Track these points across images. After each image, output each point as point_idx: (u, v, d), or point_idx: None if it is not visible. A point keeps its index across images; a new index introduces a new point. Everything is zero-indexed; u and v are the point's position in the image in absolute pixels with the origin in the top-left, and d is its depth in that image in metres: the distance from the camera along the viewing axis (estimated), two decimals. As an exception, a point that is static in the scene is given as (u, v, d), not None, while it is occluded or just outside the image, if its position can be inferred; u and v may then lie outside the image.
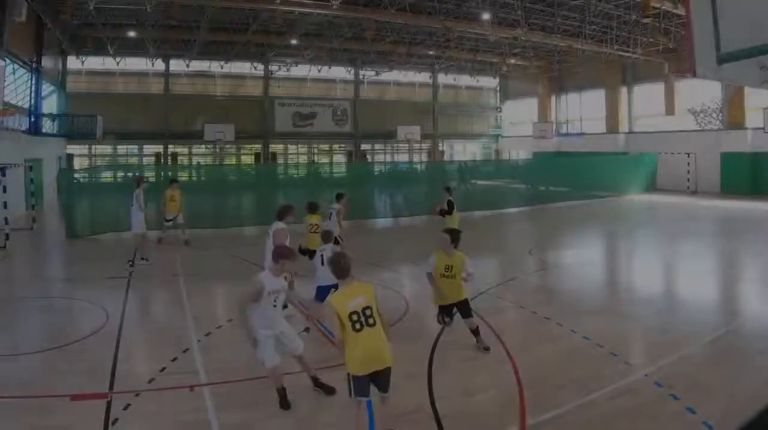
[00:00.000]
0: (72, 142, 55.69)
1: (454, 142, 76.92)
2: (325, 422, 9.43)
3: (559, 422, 9.09)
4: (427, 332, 13.49)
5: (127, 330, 13.82)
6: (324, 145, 70.83)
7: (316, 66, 66.92)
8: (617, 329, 13.59)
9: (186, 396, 10.16)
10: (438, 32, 50.77)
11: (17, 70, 38.17)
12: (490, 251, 24.98)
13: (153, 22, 48.02)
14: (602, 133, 60.41)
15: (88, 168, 55.84)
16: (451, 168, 49.16)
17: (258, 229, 24.50)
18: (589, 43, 49.28)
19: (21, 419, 9.16)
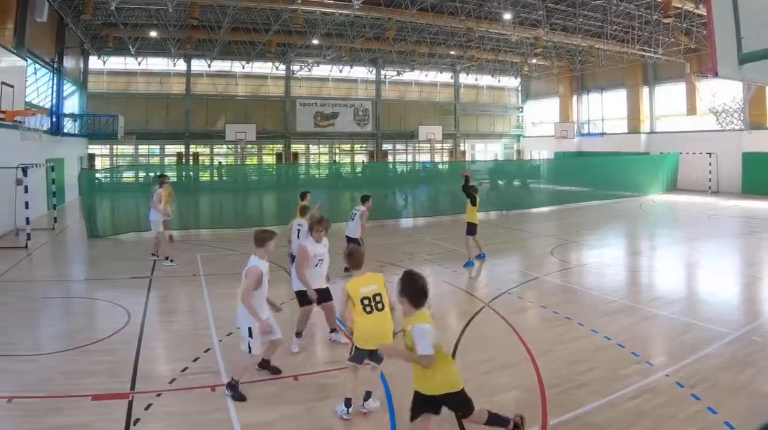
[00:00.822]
0: (93, 142, 55.99)
1: (476, 143, 76.85)
2: (345, 422, 9.37)
3: (581, 422, 9.09)
4: (449, 332, 13.52)
5: (149, 330, 13.88)
6: (345, 145, 70.77)
7: (337, 66, 67.03)
8: (638, 329, 13.59)
9: (207, 396, 10.20)
10: (459, 32, 50.62)
11: (39, 69, 38.31)
12: (511, 251, 25.03)
13: (174, 22, 48.19)
14: (624, 133, 60.34)
15: (109, 168, 56.07)
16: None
17: (279, 229, 24.55)
18: (611, 43, 49.13)
19: (42, 419, 9.18)
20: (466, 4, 44.06)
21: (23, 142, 24.69)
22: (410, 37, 53.39)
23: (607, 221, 33.44)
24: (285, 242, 16.21)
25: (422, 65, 66.16)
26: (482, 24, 46.69)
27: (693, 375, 10.63)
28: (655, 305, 15.57)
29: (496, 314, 14.76)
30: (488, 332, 13.41)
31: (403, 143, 72.36)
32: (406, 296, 8.49)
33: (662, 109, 58.10)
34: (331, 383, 10.73)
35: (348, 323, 9.93)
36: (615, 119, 63.01)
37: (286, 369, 11.25)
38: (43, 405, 9.64)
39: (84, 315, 14.95)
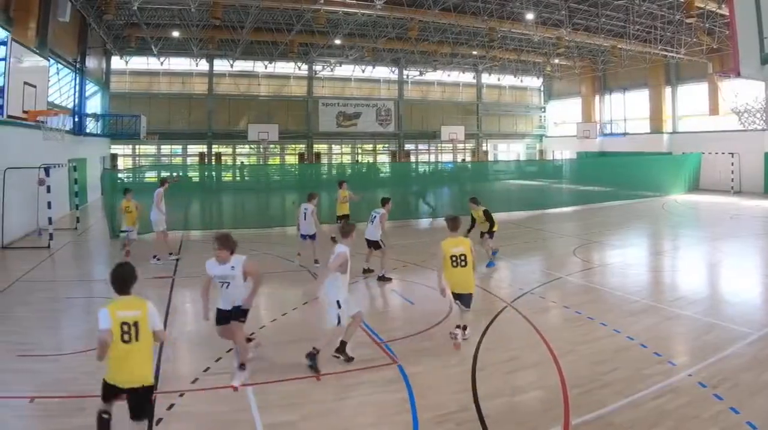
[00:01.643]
0: (116, 142, 56.26)
1: (498, 143, 76.82)
2: (366, 422, 9.38)
3: (603, 422, 9.08)
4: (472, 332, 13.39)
5: (171, 330, 13.88)
6: (368, 145, 70.86)
7: (359, 66, 67.12)
8: (661, 329, 13.57)
9: (229, 396, 10.23)
10: (482, 32, 50.65)
11: (61, 69, 38.51)
12: (534, 251, 25.06)
13: (197, 22, 48.44)
14: (646, 133, 60.10)
15: (132, 168, 56.30)
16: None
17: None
18: (633, 43, 48.98)
19: (63, 419, 9.25)
20: (488, 4, 44.07)
21: (46, 142, 24.82)
22: (433, 37, 53.46)
23: (629, 221, 33.34)
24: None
25: (445, 65, 66.06)
26: (505, 24, 46.68)
27: (715, 375, 10.60)
28: (678, 305, 15.54)
29: (519, 314, 14.79)
30: (511, 331, 13.45)
31: (425, 143, 72.31)
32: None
33: (684, 109, 57.93)
34: (354, 383, 10.74)
35: (439, 280, 12.89)
36: (637, 119, 62.81)
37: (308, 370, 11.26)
38: (65, 405, 9.72)
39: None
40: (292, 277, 19.61)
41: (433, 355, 12.12)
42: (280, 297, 17.22)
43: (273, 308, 15.76)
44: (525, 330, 13.54)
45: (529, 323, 14.05)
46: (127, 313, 8.28)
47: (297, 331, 13.77)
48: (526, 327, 13.74)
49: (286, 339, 13.03)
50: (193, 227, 30.69)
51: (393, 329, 13.93)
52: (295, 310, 15.54)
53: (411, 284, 18.54)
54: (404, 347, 12.58)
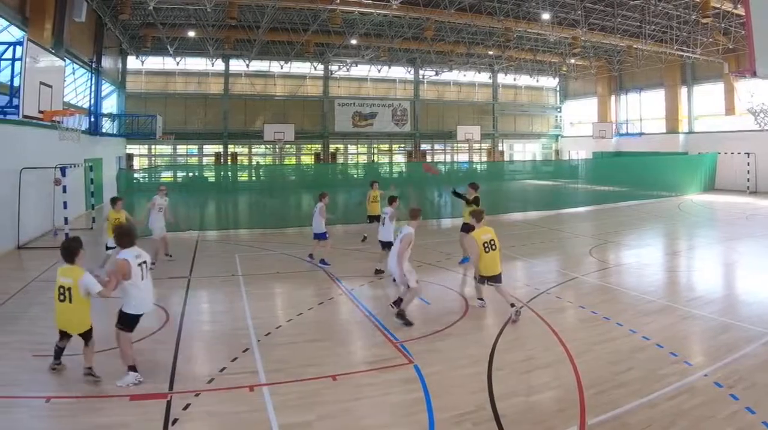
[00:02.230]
0: (131, 142, 56.43)
1: (514, 143, 76.74)
2: (382, 422, 9.39)
3: (619, 422, 9.07)
4: (488, 332, 13.57)
5: (187, 330, 13.98)
6: (384, 145, 70.76)
7: (375, 66, 67.04)
8: (677, 329, 13.55)
9: (245, 396, 10.25)
10: (498, 32, 50.69)
11: (77, 69, 38.65)
12: (550, 251, 25.01)
13: (212, 22, 48.60)
14: (662, 133, 60.04)
15: (148, 168, 56.49)
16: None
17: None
18: (649, 43, 48.97)
19: (80, 419, 9.29)
20: (504, 4, 44.08)
21: (61, 142, 24.88)
22: (449, 37, 53.53)
23: (645, 221, 33.27)
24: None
25: (461, 65, 66.10)
26: (520, 24, 46.72)
27: (731, 375, 10.60)
28: (694, 305, 15.52)
29: (535, 314, 14.80)
30: (527, 331, 13.46)
31: (441, 143, 72.30)
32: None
33: (700, 109, 57.86)
34: (370, 383, 10.75)
35: (474, 263, 15.35)
36: (653, 119, 62.77)
37: (325, 369, 11.30)
38: (82, 405, 9.76)
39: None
40: (307, 277, 19.67)
41: (449, 355, 12.11)
42: (296, 297, 17.29)
43: (289, 308, 15.80)
44: (541, 330, 13.55)
45: (545, 323, 14.05)
46: (64, 279, 10.53)
47: (313, 331, 13.78)
48: (542, 327, 13.75)
49: (302, 339, 13.06)
50: (208, 228, 30.72)
51: (409, 328, 13.87)
52: (311, 310, 15.55)
53: (427, 284, 18.49)
54: (420, 346, 12.57)
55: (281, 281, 19.44)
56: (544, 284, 18.26)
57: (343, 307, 16.12)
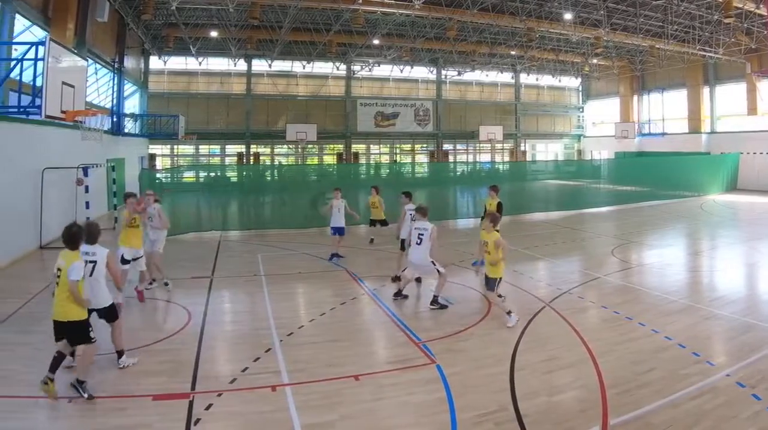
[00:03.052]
0: (154, 142, 56.62)
1: (536, 143, 76.71)
2: (404, 422, 9.41)
3: (642, 422, 9.06)
4: (510, 332, 13.54)
5: (210, 330, 13.99)
6: (406, 145, 70.75)
7: (398, 66, 67.08)
8: (699, 329, 13.52)
9: (268, 396, 10.27)
10: (520, 32, 50.62)
11: (99, 69, 38.81)
12: (572, 251, 24.98)
13: (235, 22, 48.67)
14: (684, 133, 59.87)
15: (170, 168, 56.65)
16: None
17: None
18: (671, 43, 48.85)
19: (102, 419, 9.35)
20: (526, 4, 44.05)
21: (84, 142, 24.98)
22: (471, 37, 53.49)
23: (667, 221, 33.21)
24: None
25: (483, 65, 66.06)
26: (543, 24, 46.67)
27: (754, 375, 10.57)
28: (716, 305, 15.49)
29: (557, 314, 14.81)
30: (549, 331, 13.46)
31: (463, 143, 72.23)
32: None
33: (723, 109, 57.70)
34: (392, 383, 10.77)
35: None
36: (675, 119, 62.66)
37: (347, 369, 11.34)
38: (105, 405, 9.81)
39: (145, 315, 15.12)
40: (329, 277, 19.66)
41: (471, 355, 12.12)
42: (318, 297, 17.28)
43: (311, 308, 15.80)
44: (563, 330, 13.55)
45: (568, 323, 14.05)
46: (61, 262, 10.32)
47: (335, 331, 13.79)
48: (564, 327, 13.76)
49: (325, 339, 13.09)
50: (231, 228, 30.78)
51: (431, 328, 13.91)
52: (333, 310, 15.56)
53: (449, 285, 18.50)
54: (442, 346, 12.58)
55: (303, 281, 19.45)
56: (567, 283, 18.25)
57: (366, 307, 16.13)
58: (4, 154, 21.33)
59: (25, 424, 9.25)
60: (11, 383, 10.63)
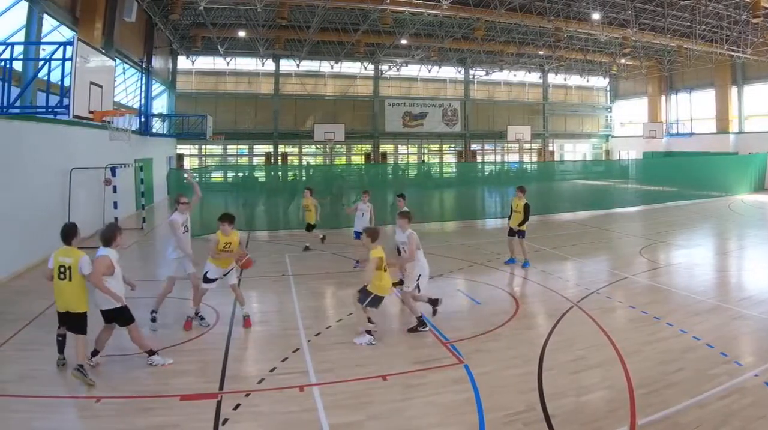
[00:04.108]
0: (182, 142, 56.74)
1: (564, 143, 76.47)
2: (432, 422, 9.42)
3: (669, 422, 9.08)
4: (538, 332, 13.62)
5: (237, 330, 14.07)
6: (434, 145, 70.70)
7: (425, 66, 66.99)
8: (727, 330, 13.50)
9: (296, 396, 10.33)
10: (548, 32, 50.47)
11: (127, 69, 38.95)
12: (600, 251, 24.93)
13: (263, 22, 48.69)
14: (712, 133, 59.60)
15: (198, 168, 56.81)
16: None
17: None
18: (699, 43, 48.58)
19: (130, 419, 9.45)
20: (554, 4, 43.88)
21: (112, 142, 25.08)
22: (499, 37, 53.39)
23: (695, 221, 33.12)
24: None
25: (511, 65, 65.95)
26: (571, 24, 46.49)
27: (782, 375, 10.53)
28: (744, 305, 15.46)
29: (585, 314, 14.82)
30: (577, 331, 13.48)
31: (491, 143, 72.16)
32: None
33: (751, 109, 57.45)
34: (420, 383, 10.80)
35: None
36: (703, 119, 62.41)
37: (375, 369, 11.40)
38: (132, 405, 9.89)
39: (173, 315, 15.05)
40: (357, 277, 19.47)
41: (499, 355, 12.16)
42: (346, 297, 17.11)
43: (339, 308, 15.88)
44: (591, 330, 13.57)
45: (596, 323, 14.06)
46: (65, 259, 11.18)
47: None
48: (592, 327, 13.77)
49: (352, 339, 13.12)
50: (259, 228, 30.85)
51: (459, 328, 13.92)
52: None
53: (477, 284, 18.55)
54: (470, 347, 12.62)
55: (331, 281, 19.53)
56: (595, 284, 18.24)
57: (393, 307, 16.11)
58: (33, 154, 21.44)
59: (52, 424, 9.34)
60: (39, 382, 10.75)
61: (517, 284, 18.87)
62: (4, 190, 18.93)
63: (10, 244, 19.13)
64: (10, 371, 11.31)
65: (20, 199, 20.08)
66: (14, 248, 19.49)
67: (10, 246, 19.15)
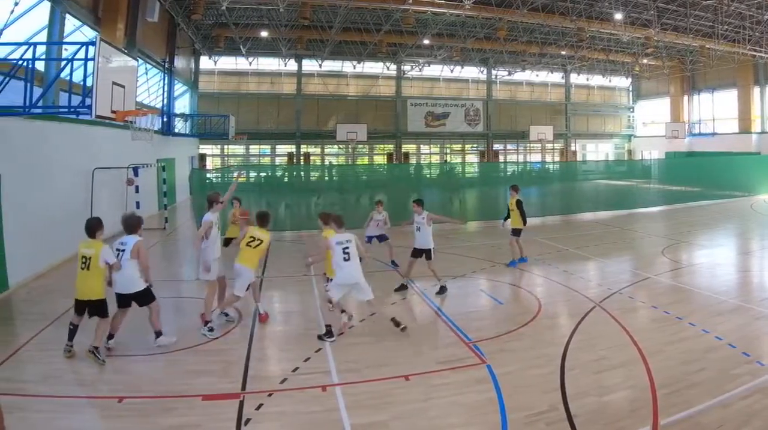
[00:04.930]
0: (204, 142, 57.08)
1: (587, 143, 76.36)
2: (455, 422, 9.42)
3: (692, 422, 9.06)
4: (560, 332, 13.63)
5: (260, 330, 14.14)
6: (456, 145, 70.77)
7: (448, 66, 67.02)
8: (750, 329, 13.45)
9: (318, 396, 10.37)
10: (570, 32, 50.56)
11: (150, 69, 39.11)
12: (622, 251, 24.84)
13: (285, 22, 48.97)
14: (734, 133, 59.44)
15: (221, 168, 56.96)
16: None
17: (391, 230, 24.00)
18: (722, 43, 48.51)
19: (152, 419, 9.50)
20: (577, 4, 43.92)
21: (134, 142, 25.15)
22: (521, 37, 53.53)
23: (718, 221, 32.99)
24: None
25: (533, 65, 66.03)
26: (593, 24, 46.49)
27: (805, 375, 10.51)
28: (767, 304, 15.40)
29: (607, 314, 14.82)
30: (599, 331, 13.49)
31: (514, 143, 72.13)
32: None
33: (774, 109, 56.88)
34: (442, 383, 10.81)
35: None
36: (726, 119, 62.33)
37: (397, 369, 11.42)
38: (155, 405, 9.94)
39: (195, 315, 14.81)
40: (380, 277, 19.53)
41: (521, 355, 12.17)
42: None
43: (362, 308, 15.74)
44: (613, 330, 13.56)
45: (618, 323, 14.05)
46: (87, 250, 12.09)
47: (385, 331, 13.77)
48: (614, 327, 13.77)
49: (375, 339, 13.23)
50: (281, 228, 30.87)
51: (481, 328, 13.94)
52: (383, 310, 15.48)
53: (500, 284, 18.56)
54: (493, 346, 12.62)
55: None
56: (617, 284, 18.21)
57: (416, 307, 16.23)
58: (55, 154, 21.54)
59: (75, 423, 9.39)
60: (62, 382, 10.84)
61: (540, 284, 18.82)
62: (27, 191, 19.03)
63: (32, 244, 19.21)
64: (33, 370, 11.42)
65: (43, 199, 20.16)
66: (37, 248, 19.58)
67: (32, 246, 19.23)
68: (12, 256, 17.68)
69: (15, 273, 17.93)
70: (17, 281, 18.08)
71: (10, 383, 10.57)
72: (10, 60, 19.01)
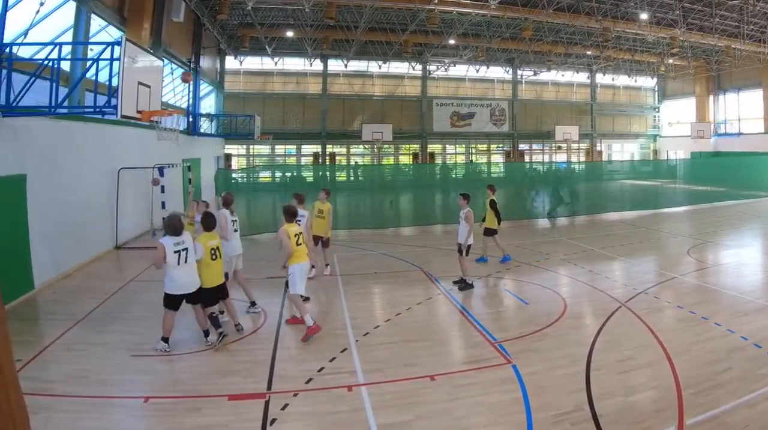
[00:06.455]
0: (230, 142, 56.93)
1: (612, 143, 75.98)
2: (480, 422, 9.45)
3: (717, 422, 9.05)
4: (585, 332, 13.63)
5: (285, 330, 14.15)
6: (482, 145, 70.58)
7: (473, 66, 66.75)
8: (775, 330, 13.35)
9: (344, 396, 10.41)
10: (596, 32, 50.22)
11: (175, 69, 39.05)
12: (648, 251, 24.75)
13: (311, 22, 48.86)
14: (760, 133, 58.97)
15: (246, 168, 57.00)
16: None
17: (417, 229, 23.89)
18: (747, 43, 48.30)
19: (177, 419, 9.56)
20: (602, 4, 43.71)
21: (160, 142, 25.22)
22: (547, 37, 53.20)
23: (743, 221, 32.91)
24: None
25: (559, 65, 65.58)
26: (619, 24, 46.29)
27: (830, 376, 10.47)
28: (793, 305, 15.27)
29: (633, 314, 14.79)
30: (625, 331, 13.48)
31: (539, 143, 71.97)
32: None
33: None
34: (468, 383, 10.82)
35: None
36: (751, 119, 61.84)
37: (423, 369, 11.43)
38: (180, 405, 10.02)
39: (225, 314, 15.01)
40: (405, 277, 19.73)
41: (547, 355, 12.19)
42: (394, 297, 17.38)
43: (387, 308, 15.91)
44: (639, 330, 13.55)
45: (643, 323, 14.03)
46: (212, 242, 13.25)
47: (411, 331, 13.88)
48: (640, 327, 13.76)
49: (400, 339, 13.25)
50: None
51: (507, 328, 14.02)
52: (409, 310, 15.67)
53: (526, 284, 18.55)
54: (518, 347, 12.65)
55: (379, 281, 19.58)
56: (643, 284, 18.19)
57: (442, 307, 16.21)
58: (81, 154, 21.62)
59: (101, 424, 9.45)
60: (87, 382, 10.87)
61: (565, 284, 18.81)
62: (53, 190, 19.13)
63: (58, 244, 19.31)
64: (59, 370, 11.48)
65: (68, 199, 20.23)
66: (63, 247, 19.67)
67: (58, 246, 19.33)
68: (37, 256, 17.76)
69: (40, 273, 17.98)
70: (43, 281, 18.11)
71: (36, 383, 10.59)
72: (36, 60, 19.15)
